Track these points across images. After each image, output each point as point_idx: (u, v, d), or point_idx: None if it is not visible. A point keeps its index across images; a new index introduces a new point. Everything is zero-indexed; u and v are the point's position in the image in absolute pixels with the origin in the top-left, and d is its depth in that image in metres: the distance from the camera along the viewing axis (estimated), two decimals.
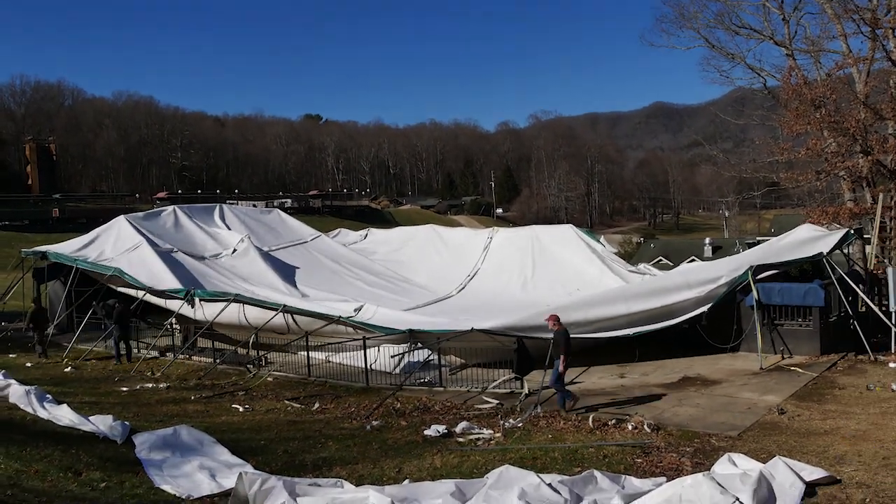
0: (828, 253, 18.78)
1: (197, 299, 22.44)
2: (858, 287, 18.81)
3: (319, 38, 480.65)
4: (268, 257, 29.69)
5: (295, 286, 28.26)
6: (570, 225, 31.11)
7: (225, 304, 21.52)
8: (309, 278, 29.32)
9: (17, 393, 14.70)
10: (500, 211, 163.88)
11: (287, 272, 29.73)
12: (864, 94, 24.70)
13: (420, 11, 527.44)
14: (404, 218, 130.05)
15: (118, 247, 26.72)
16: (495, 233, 31.73)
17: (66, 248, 27.61)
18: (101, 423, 12.31)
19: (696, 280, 18.18)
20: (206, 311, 22.17)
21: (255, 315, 21.19)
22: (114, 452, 10.98)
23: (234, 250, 29.09)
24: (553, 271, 27.88)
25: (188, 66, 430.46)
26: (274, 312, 20.51)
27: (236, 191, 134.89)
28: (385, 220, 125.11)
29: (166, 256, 26.41)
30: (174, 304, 23.08)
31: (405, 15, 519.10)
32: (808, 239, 20.25)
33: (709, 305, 17.74)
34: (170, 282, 23.82)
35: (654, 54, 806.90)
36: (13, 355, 22.88)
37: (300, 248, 32.31)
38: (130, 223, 28.54)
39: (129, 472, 9.98)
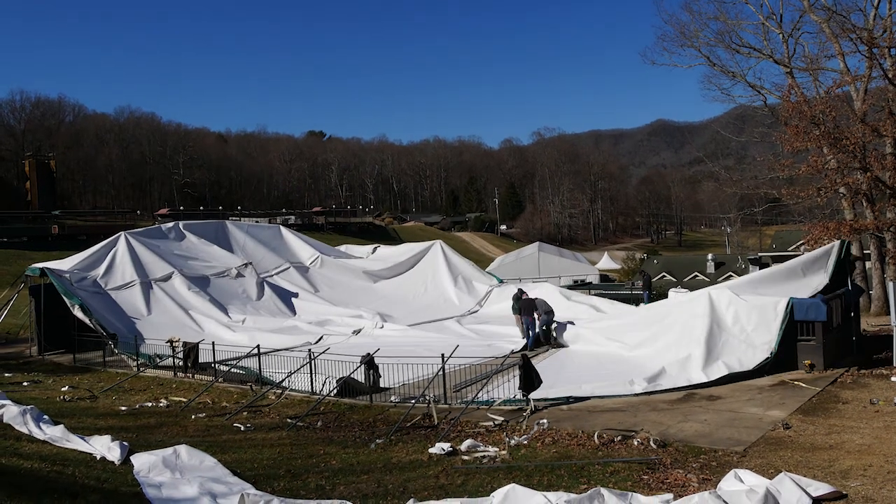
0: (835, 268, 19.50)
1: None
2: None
3: (323, 54, 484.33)
4: (268, 284, 30.12)
5: (293, 311, 28.81)
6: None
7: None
8: (310, 301, 29.84)
9: (12, 413, 14.37)
10: (503, 227, 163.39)
11: (290, 295, 30.12)
12: (862, 112, 24.85)
13: (424, 30, 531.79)
14: (408, 234, 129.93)
15: (113, 278, 27.25)
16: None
17: (65, 264, 28.02)
18: (99, 444, 12.12)
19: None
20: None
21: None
22: (112, 474, 10.83)
23: (238, 273, 29.47)
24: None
25: (191, 83, 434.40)
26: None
27: (239, 207, 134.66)
28: (389, 237, 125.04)
29: (156, 290, 26.93)
30: None
31: (410, 33, 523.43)
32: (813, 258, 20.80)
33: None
34: (149, 329, 24.78)
35: (656, 72, 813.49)
36: (9, 374, 22.80)
37: (302, 270, 32.61)
38: (131, 241, 28.74)
39: (127, 493, 9.82)
